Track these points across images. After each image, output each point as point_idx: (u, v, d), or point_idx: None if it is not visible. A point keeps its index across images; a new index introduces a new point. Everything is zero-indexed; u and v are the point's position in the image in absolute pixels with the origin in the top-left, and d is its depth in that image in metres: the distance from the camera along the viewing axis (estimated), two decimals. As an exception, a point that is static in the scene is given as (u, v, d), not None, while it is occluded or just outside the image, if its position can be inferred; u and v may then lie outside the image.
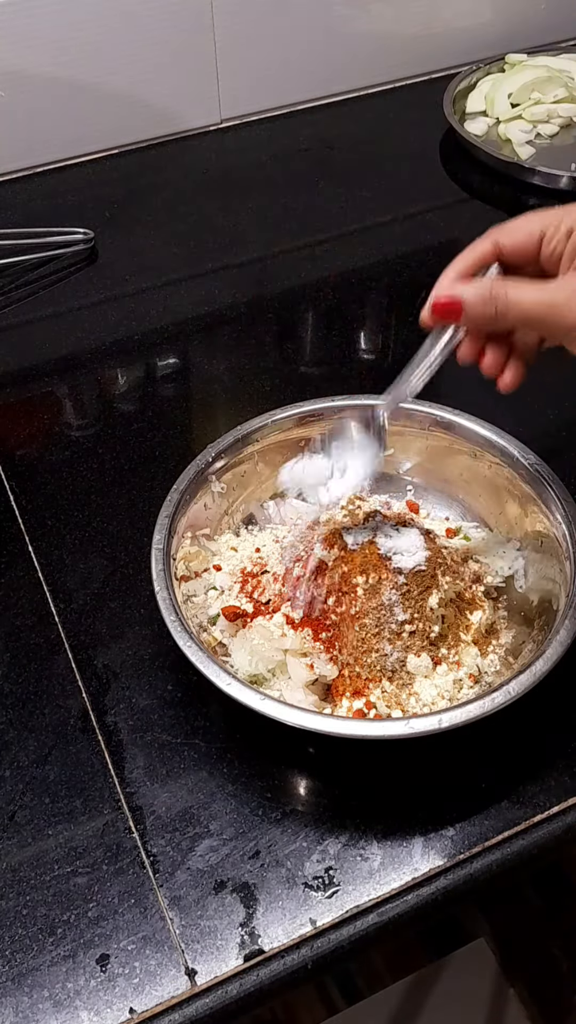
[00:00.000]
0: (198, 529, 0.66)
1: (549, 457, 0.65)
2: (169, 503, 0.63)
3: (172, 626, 0.57)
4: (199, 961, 0.51)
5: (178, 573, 0.62)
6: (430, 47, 1.19)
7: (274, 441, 0.69)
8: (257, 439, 0.68)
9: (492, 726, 0.58)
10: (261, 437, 0.68)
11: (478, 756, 0.59)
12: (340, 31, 1.13)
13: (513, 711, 0.59)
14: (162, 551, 0.61)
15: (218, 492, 0.67)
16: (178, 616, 0.57)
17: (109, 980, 0.51)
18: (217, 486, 0.67)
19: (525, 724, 0.60)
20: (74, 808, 0.57)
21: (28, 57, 1.00)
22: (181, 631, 0.57)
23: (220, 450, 0.67)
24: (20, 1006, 0.50)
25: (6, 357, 0.87)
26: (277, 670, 0.59)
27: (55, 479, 0.76)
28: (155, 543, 0.61)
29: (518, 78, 1.12)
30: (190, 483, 0.65)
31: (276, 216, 1.02)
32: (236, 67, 1.10)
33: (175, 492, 0.64)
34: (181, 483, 0.65)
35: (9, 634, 0.66)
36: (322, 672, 0.58)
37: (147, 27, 1.03)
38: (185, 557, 0.64)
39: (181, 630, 0.57)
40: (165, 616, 0.57)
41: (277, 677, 0.59)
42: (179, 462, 0.67)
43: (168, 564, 0.60)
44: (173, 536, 0.62)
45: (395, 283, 0.94)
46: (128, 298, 0.92)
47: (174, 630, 0.57)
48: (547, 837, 0.56)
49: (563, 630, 0.56)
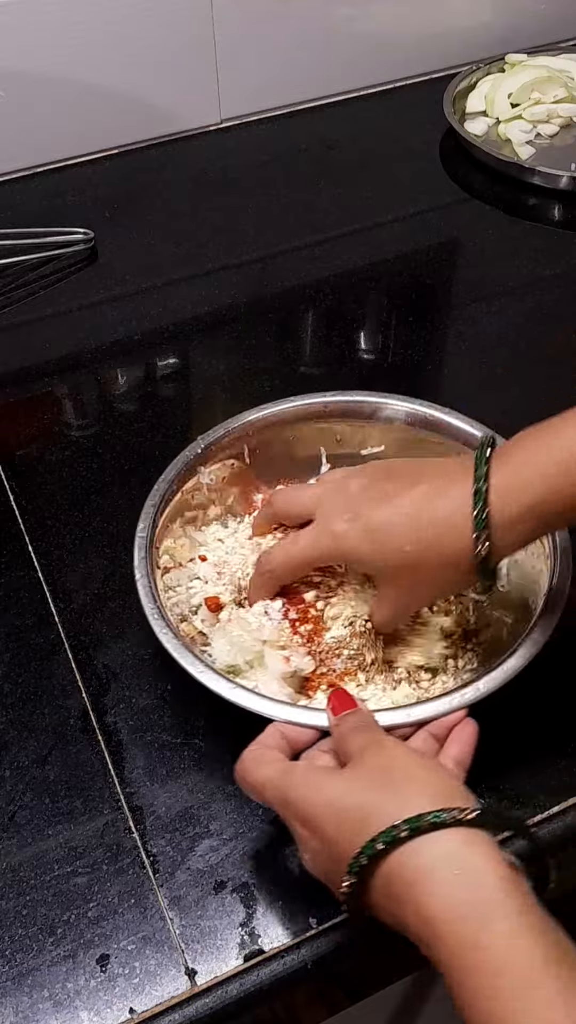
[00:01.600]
0: (185, 520, 0.66)
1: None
2: (155, 492, 0.64)
3: (150, 613, 0.57)
4: (199, 961, 0.51)
5: (161, 563, 0.62)
6: (430, 47, 1.19)
7: (266, 436, 0.69)
8: (249, 433, 0.68)
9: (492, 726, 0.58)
10: (253, 432, 0.68)
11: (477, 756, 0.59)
12: (340, 31, 1.13)
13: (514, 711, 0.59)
14: (145, 539, 0.61)
15: (207, 484, 0.67)
16: (156, 603, 0.58)
17: (109, 980, 0.51)
18: (206, 477, 0.67)
19: (525, 724, 0.60)
20: (74, 808, 0.57)
21: (28, 57, 1.00)
22: (158, 618, 0.57)
23: (210, 442, 0.67)
24: (20, 1006, 0.50)
25: (6, 357, 0.87)
26: (255, 661, 0.59)
27: (55, 479, 0.76)
28: (139, 531, 0.62)
29: (518, 78, 1.12)
30: (178, 473, 0.65)
31: (276, 216, 1.02)
32: (236, 67, 1.10)
33: (162, 482, 0.64)
34: (169, 473, 0.65)
35: (9, 634, 0.66)
36: (298, 665, 0.59)
37: (147, 27, 1.03)
38: (170, 548, 0.64)
39: (158, 616, 0.57)
40: (144, 603, 0.58)
41: (255, 668, 0.60)
42: (179, 462, 0.68)
43: (150, 552, 0.60)
44: (157, 525, 0.62)
45: (395, 283, 0.94)
46: (128, 298, 0.92)
47: (151, 617, 0.57)
48: (547, 837, 0.56)
49: (538, 629, 0.56)
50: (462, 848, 0.42)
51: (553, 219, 1.02)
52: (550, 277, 0.93)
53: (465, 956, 0.40)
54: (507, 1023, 0.38)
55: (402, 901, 0.42)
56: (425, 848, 0.42)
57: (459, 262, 0.97)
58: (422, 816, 0.43)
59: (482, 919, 0.40)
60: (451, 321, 0.92)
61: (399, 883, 0.42)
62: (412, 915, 0.42)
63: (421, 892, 0.41)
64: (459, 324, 0.91)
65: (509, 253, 0.97)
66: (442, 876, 0.42)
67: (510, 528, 0.51)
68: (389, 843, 0.42)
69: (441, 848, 0.42)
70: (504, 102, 1.11)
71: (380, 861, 0.43)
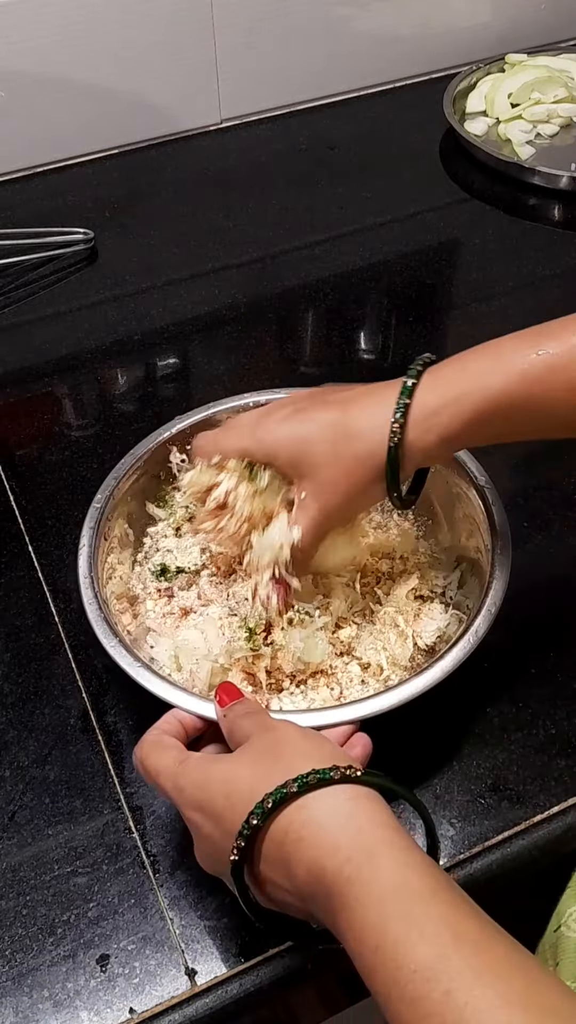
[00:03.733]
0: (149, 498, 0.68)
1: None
2: (121, 466, 0.65)
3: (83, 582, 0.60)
4: (199, 961, 0.51)
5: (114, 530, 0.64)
6: (430, 47, 1.19)
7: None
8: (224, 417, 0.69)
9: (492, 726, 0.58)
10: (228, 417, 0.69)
11: (477, 756, 0.59)
12: (340, 31, 1.13)
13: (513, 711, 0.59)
14: (99, 509, 0.63)
15: (177, 463, 0.68)
16: (91, 572, 0.60)
17: (109, 980, 0.51)
18: (177, 457, 0.68)
19: (525, 724, 0.60)
20: (74, 808, 0.57)
21: (28, 57, 1.00)
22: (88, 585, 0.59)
23: (186, 425, 0.68)
24: (20, 1006, 0.50)
25: (6, 357, 0.87)
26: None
27: (55, 479, 0.76)
28: (94, 501, 0.63)
29: (518, 78, 1.12)
30: (147, 452, 0.67)
31: (276, 216, 1.02)
32: (236, 67, 1.10)
33: (129, 456, 0.66)
34: (138, 450, 0.67)
35: (9, 634, 0.66)
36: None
37: (147, 27, 1.03)
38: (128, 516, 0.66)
39: (89, 586, 0.59)
40: (80, 569, 0.60)
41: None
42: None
43: (100, 521, 0.62)
44: (114, 498, 0.64)
45: (395, 283, 0.94)
46: (128, 298, 0.92)
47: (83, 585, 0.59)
48: (547, 837, 0.56)
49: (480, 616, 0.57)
50: (349, 801, 0.43)
51: (553, 219, 1.02)
52: (550, 277, 0.93)
53: (350, 894, 0.40)
54: (399, 946, 0.38)
55: (291, 859, 0.43)
56: (313, 803, 0.43)
57: (459, 262, 0.97)
58: (310, 773, 0.44)
59: (368, 856, 0.41)
60: (451, 321, 0.92)
61: (289, 842, 0.43)
62: (304, 873, 0.42)
63: (311, 845, 0.42)
64: (459, 324, 0.91)
65: (509, 253, 0.97)
66: (330, 825, 0.42)
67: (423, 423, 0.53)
68: (279, 801, 0.43)
69: (328, 801, 0.43)
70: (504, 102, 1.12)
71: (270, 822, 0.44)
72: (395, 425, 0.52)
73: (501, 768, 0.58)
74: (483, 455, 0.64)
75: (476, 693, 0.61)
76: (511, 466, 0.74)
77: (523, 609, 0.61)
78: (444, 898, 0.39)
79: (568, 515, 0.72)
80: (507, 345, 0.52)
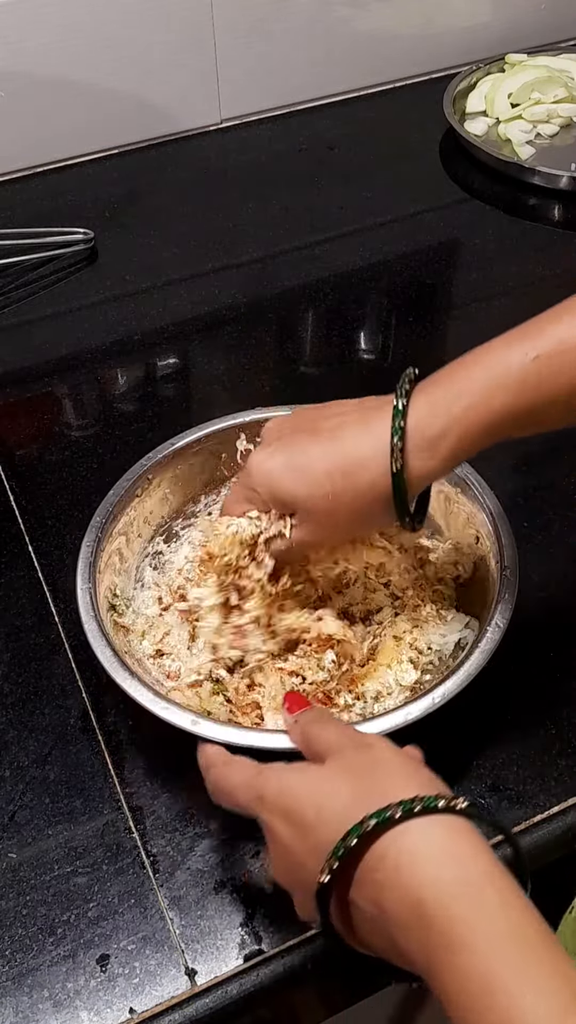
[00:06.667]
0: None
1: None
2: (140, 466, 0.67)
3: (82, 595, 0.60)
4: (199, 961, 0.51)
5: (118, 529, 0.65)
6: (430, 47, 1.19)
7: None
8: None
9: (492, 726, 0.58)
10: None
11: (477, 756, 0.59)
12: (340, 31, 1.13)
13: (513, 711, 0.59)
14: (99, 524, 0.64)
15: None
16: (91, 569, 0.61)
17: (109, 980, 0.51)
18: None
19: (525, 724, 0.60)
20: (74, 808, 0.57)
21: (28, 57, 1.00)
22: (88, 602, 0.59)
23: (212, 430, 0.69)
24: (20, 1006, 0.50)
25: (6, 357, 0.87)
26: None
27: (55, 479, 0.76)
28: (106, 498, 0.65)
29: (518, 78, 1.12)
30: (164, 456, 0.68)
31: (276, 216, 1.02)
32: (236, 67, 1.10)
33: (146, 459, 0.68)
34: (156, 454, 0.68)
35: (9, 634, 0.66)
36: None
37: (147, 27, 1.03)
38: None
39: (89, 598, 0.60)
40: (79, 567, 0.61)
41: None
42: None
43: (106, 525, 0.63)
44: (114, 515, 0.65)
45: (395, 283, 0.94)
46: (128, 298, 0.92)
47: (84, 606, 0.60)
48: (547, 837, 0.56)
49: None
50: (451, 834, 0.42)
51: (553, 219, 1.02)
52: (550, 277, 0.93)
53: (454, 932, 0.38)
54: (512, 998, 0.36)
55: (385, 887, 0.41)
56: (415, 831, 0.42)
57: (459, 262, 0.97)
58: (415, 799, 0.42)
59: (474, 894, 0.39)
60: (451, 321, 0.92)
61: (385, 867, 0.41)
62: (396, 901, 0.41)
63: (411, 875, 0.41)
64: (459, 324, 0.91)
65: (509, 253, 0.97)
66: (431, 856, 0.41)
67: (427, 448, 0.52)
68: (381, 824, 0.41)
69: (431, 833, 0.42)
70: (504, 102, 1.12)
71: (367, 844, 0.42)
72: (395, 451, 0.51)
73: (501, 768, 0.58)
74: (483, 455, 0.64)
75: (476, 693, 0.61)
76: (511, 466, 0.74)
77: (523, 609, 0.61)
78: (556, 950, 0.38)
79: (568, 515, 0.72)
80: (496, 355, 0.52)
